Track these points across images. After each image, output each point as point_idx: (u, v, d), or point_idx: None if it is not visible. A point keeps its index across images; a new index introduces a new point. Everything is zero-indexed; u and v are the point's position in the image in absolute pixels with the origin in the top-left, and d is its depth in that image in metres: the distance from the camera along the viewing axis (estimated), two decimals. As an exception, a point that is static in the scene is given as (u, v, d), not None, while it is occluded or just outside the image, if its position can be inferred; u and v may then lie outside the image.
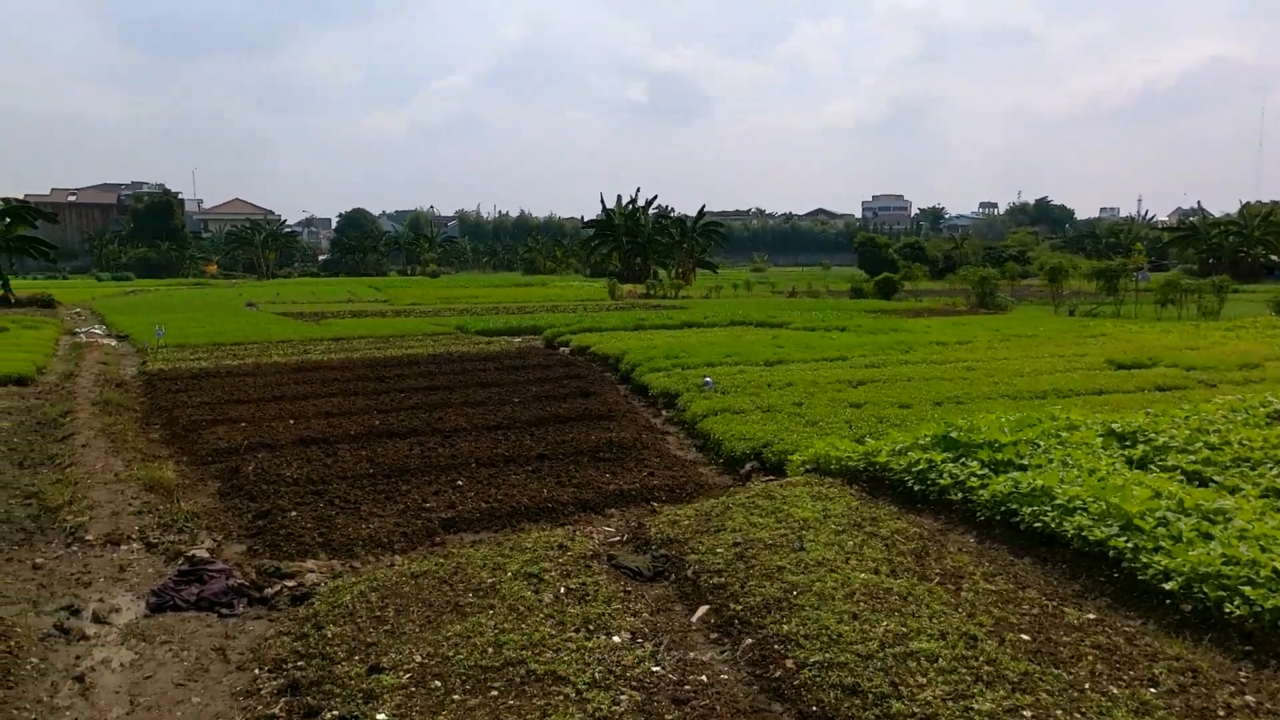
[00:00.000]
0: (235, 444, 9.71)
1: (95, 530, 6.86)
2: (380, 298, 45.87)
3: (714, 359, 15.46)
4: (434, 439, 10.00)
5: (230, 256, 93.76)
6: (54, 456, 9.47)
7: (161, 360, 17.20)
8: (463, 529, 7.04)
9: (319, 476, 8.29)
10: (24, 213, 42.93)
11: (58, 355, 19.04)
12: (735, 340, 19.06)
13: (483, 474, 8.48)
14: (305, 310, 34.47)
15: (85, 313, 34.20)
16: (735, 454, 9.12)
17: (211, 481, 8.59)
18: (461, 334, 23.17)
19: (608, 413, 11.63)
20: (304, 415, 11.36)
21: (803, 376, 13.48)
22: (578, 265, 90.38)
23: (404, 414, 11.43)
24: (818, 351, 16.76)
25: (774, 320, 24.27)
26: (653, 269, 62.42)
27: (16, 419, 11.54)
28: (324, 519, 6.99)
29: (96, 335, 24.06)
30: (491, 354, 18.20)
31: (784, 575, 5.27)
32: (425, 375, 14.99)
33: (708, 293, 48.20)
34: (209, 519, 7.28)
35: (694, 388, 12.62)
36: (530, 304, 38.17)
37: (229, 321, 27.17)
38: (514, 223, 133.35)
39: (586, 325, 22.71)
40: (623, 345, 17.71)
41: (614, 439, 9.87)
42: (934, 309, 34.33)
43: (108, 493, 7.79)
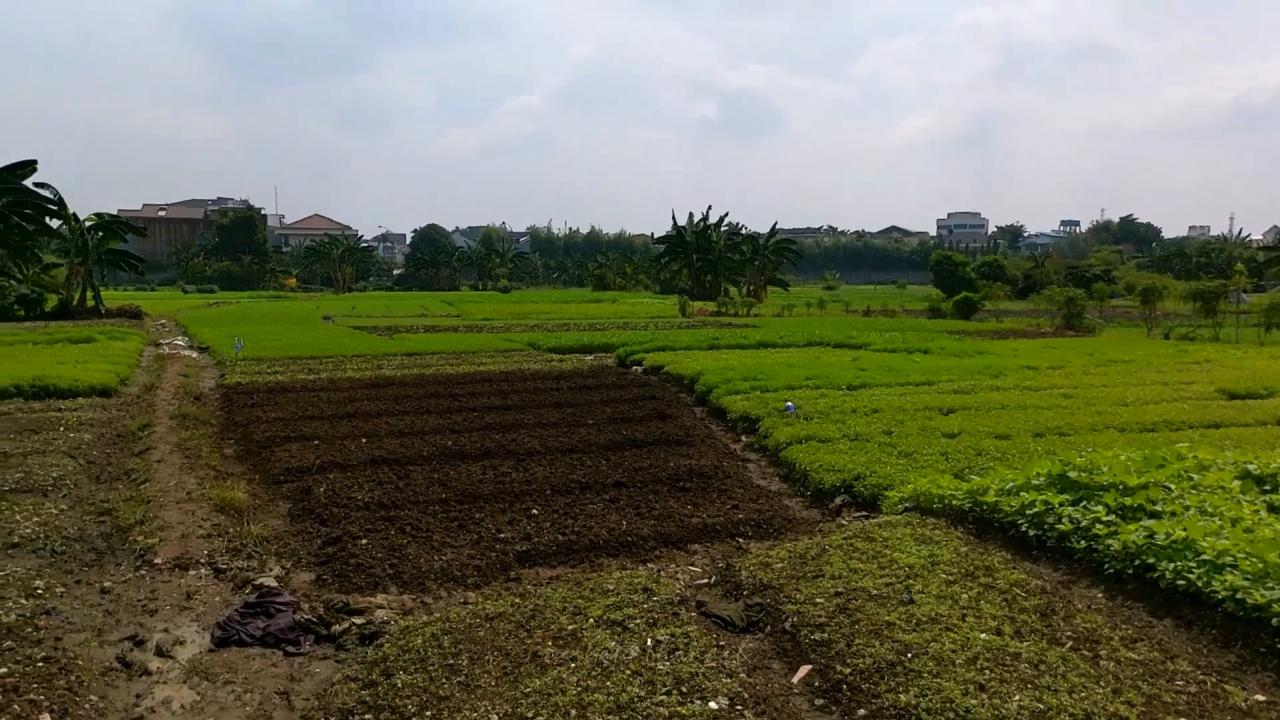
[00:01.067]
0: (307, 463, 9.53)
1: (165, 553, 6.66)
2: (452, 312, 46.29)
3: (793, 382, 14.89)
4: (507, 462, 9.68)
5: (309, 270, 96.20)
6: (130, 471, 9.41)
7: (239, 373, 17.34)
8: (539, 563, 6.66)
9: (390, 501, 8.01)
10: (116, 227, 44.48)
11: (141, 366, 19.38)
12: (814, 362, 18.44)
13: (558, 502, 8.11)
14: (379, 324, 34.86)
15: (169, 324, 35.14)
16: (824, 486, 8.58)
17: (282, 502, 8.39)
18: (533, 351, 22.99)
19: (685, 437, 11.17)
20: (377, 434, 11.17)
21: (889, 402, 12.83)
22: (647, 282, 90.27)
23: (477, 435, 11.15)
24: (902, 375, 16.05)
25: (853, 341, 23.53)
26: (723, 286, 61.88)
27: (97, 431, 11.60)
28: (395, 548, 6.68)
29: (179, 347, 24.55)
30: (564, 372, 17.92)
31: (894, 633, 4.74)
32: (498, 394, 14.74)
33: (780, 311, 47.47)
34: (278, 544, 7.04)
35: (775, 412, 12.10)
36: (601, 320, 38.00)
37: (306, 334, 27.51)
38: (584, 239, 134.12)
39: (659, 344, 22.31)
40: (698, 365, 17.26)
41: (694, 466, 9.41)
42: (1017, 330, 33.08)
43: (179, 513, 7.63)
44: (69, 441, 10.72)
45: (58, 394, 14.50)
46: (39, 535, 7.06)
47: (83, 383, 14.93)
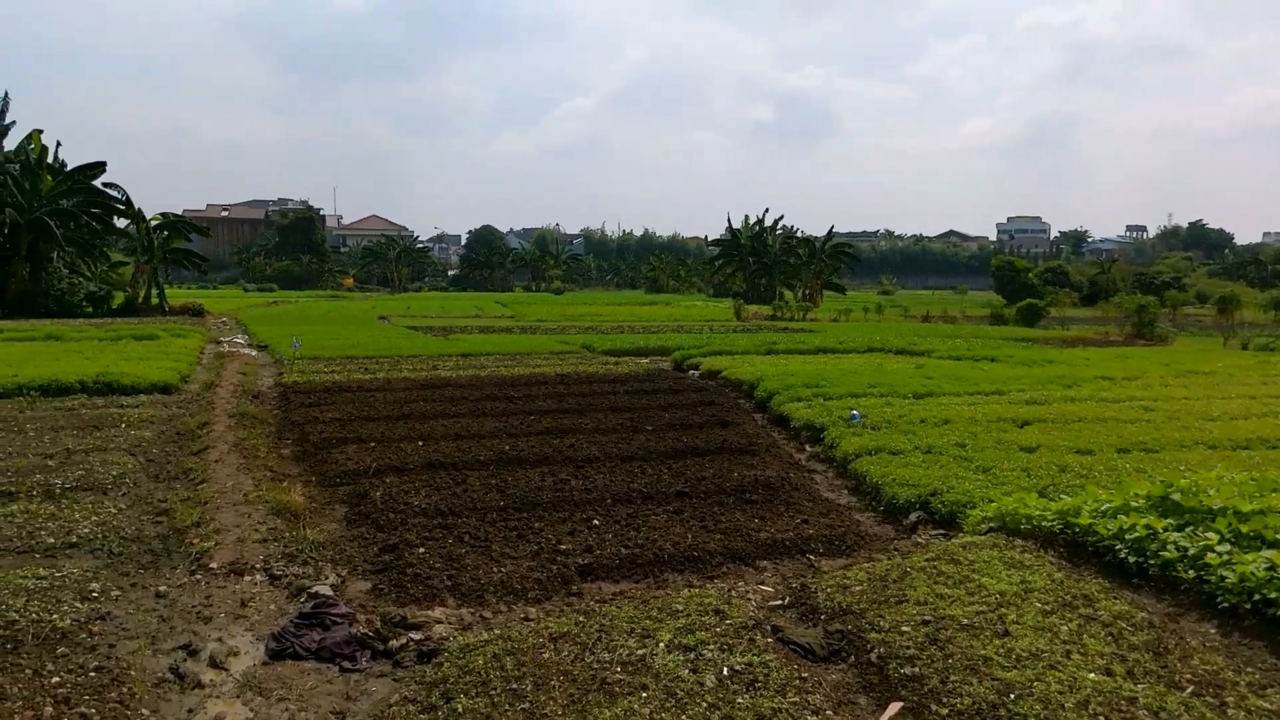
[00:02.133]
0: (364, 465, 9.38)
1: (220, 557, 6.52)
2: (506, 313, 46.42)
3: (857, 389, 14.43)
4: (566, 469, 9.43)
5: (365, 270, 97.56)
6: (188, 471, 9.35)
7: (297, 372, 17.40)
8: (601, 577, 6.37)
9: (448, 507, 7.80)
10: (180, 226, 45.46)
11: (201, 364, 19.59)
12: (876, 369, 17.92)
13: (620, 512, 7.82)
14: (434, 325, 35.02)
15: (230, 322, 35.71)
16: (897, 501, 8.17)
17: (339, 506, 8.23)
18: (588, 353, 22.79)
19: (748, 446, 10.82)
20: (433, 436, 11.01)
21: (959, 413, 12.32)
22: (701, 285, 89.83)
23: (534, 439, 10.92)
24: (970, 384, 15.48)
25: (915, 348, 22.91)
26: (778, 290, 61.20)
27: (157, 429, 11.62)
28: (453, 558, 6.45)
29: (239, 345, 24.85)
30: (620, 376, 17.66)
31: (993, 669, 4.35)
32: (554, 397, 14.53)
33: (836, 315, 46.73)
34: (334, 549, 6.86)
35: (840, 421, 11.68)
36: (655, 323, 37.73)
37: (362, 334, 27.69)
38: (638, 241, 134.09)
39: (716, 348, 21.95)
40: (756, 371, 16.88)
41: (759, 477, 9.05)
42: (1085, 338, 32.05)
43: (235, 515, 7.50)
44: (129, 439, 10.73)
45: (120, 390, 14.64)
46: (97, 535, 6.97)
47: (145, 380, 15.07)
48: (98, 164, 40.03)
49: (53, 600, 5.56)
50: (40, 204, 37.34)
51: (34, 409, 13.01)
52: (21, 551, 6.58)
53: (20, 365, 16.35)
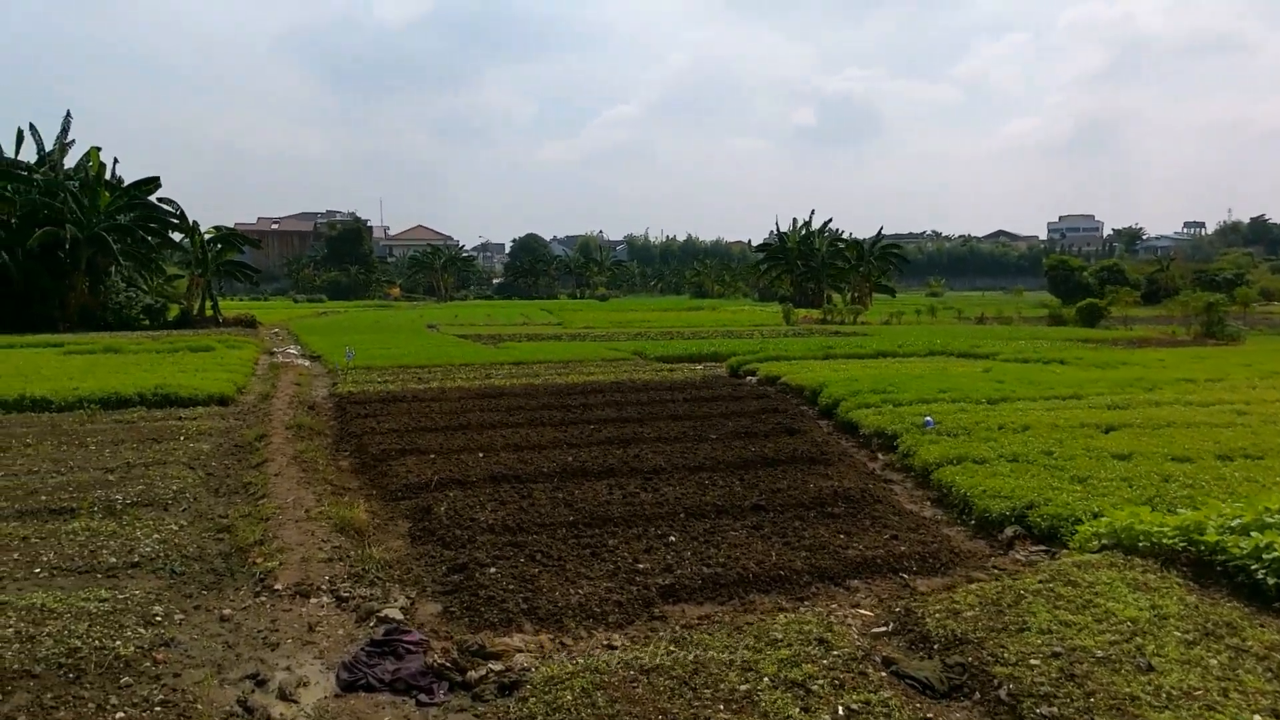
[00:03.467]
0: (425, 478, 9.10)
1: (284, 578, 6.25)
2: (553, 320, 46.32)
3: (926, 394, 13.87)
4: (633, 481, 9.06)
5: (412, 279, 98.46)
6: (248, 485, 9.16)
7: (351, 382, 17.29)
8: (684, 598, 5.98)
9: (515, 523, 7.47)
10: (233, 239, 46.12)
11: (256, 375, 19.60)
12: (942, 373, 17.31)
13: (695, 527, 7.42)
14: (483, 333, 34.96)
15: (283, 332, 36.00)
16: (990, 515, 7.66)
17: (402, 521, 7.95)
18: (641, 360, 22.44)
19: (820, 455, 10.36)
20: (493, 447, 10.72)
21: (1038, 418, 11.73)
22: (746, 289, 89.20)
23: (596, 450, 10.58)
24: (1044, 388, 14.83)
25: (978, 351, 22.20)
26: (826, 293, 60.40)
27: (215, 441, 11.49)
28: (526, 578, 6.10)
29: (292, 355, 24.92)
30: (676, 383, 17.28)
31: (1143, 711, 3.88)
32: (612, 405, 14.19)
33: (887, 318, 45.88)
34: (400, 569, 6.56)
35: (913, 428, 11.17)
36: (704, 329, 37.29)
37: (412, 343, 27.65)
38: (681, 246, 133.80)
39: (771, 353, 21.48)
40: (817, 376, 16.37)
41: (837, 489, 8.59)
42: (1151, 339, 30.94)
43: (298, 532, 7.25)
44: (188, 452, 10.60)
45: (178, 403, 14.61)
46: (159, 554, 6.76)
47: (201, 391, 15.03)
48: (152, 179, 40.71)
49: (115, 625, 5.32)
50: (98, 219, 38.04)
51: (94, 422, 12.99)
52: (84, 571, 6.38)
53: (81, 378, 16.44)
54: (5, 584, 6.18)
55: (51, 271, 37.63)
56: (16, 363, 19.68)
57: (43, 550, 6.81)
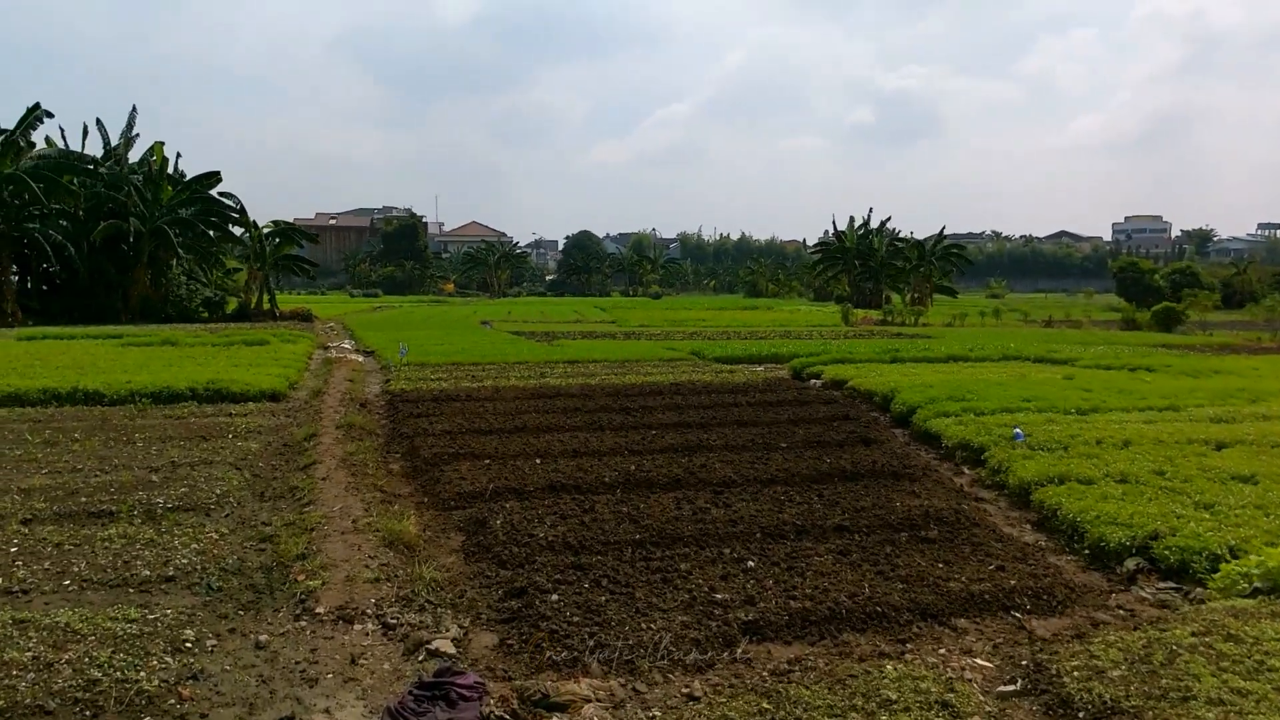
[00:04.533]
0: (480, 486, 8.54)
1: (327, 600, 5.70)
2: (607, 318, 45.78)
3: (1009, 403, 12.96)
4: (702, 494, 8.38)
5: (466, 276, 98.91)
6: (294, 489, 8.69)
7: (404, 379, 16.88)
8: (769, 636, 5.29)
9: (577, 541, 6.85)
10: (291, 234, 46.39)
11: (309, 370, 19.33)
12: (1021, 380, 16.34)
13: (775, 551, 6.72)
14: (536, 330, 34.54)
15: (337, 327, 36.00)
16: (1106, 545, 6.83)
17: (455, 534, 7.39)
18: (699, 360, 21.75)
19: (902, 469, 9.58)
20: (550, 453, 10.13)
21: (1138, 432, 10.79)
22: (801, 289, 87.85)
23: (660, 458, 9.93)
24: (1135, 398, 13.80)
25: (1055, 356, 21.07)
26: (884, 294, 59.04)
27: (264, 440, 11.09)
28: (592, 608, 5.47)
29: (346, 350, 24.71)
30: (738, 385, 16.55)
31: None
32: (673, 408, 13.53)
33: (950, 320, 44.53)
34: (453, 591, 5.98)
35: (1001, 440, 10.32)
36: (760, 329, 36.44)
37: (466, 339, 27.31)
38: (734, 245, 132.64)
39: (835, 355, 20.63)
40: (887, 381, 15.52)
41: (928, 509, 7.82)
42: (1234, 345, 29.34)
43: (344, 546, 6.72)
44: (236, 451, 10.19)
45: (229, 398, 14.31)
46: (195, 566, 6.27)
47: (253, 387, 14.72)
48: (213, 173, 41.07)
49: (141, 652, 4.81)
50: (161, 213, 38.46)
51: (145, 417, 12.72)
52: (115, 585, 5.92)
53: (135, 371, 16.27)
54: (33, 597, 5.74)
55: (115, 264, 38.15)
56: (75, 354, 19.68)
57: (75, 559, 6.37)
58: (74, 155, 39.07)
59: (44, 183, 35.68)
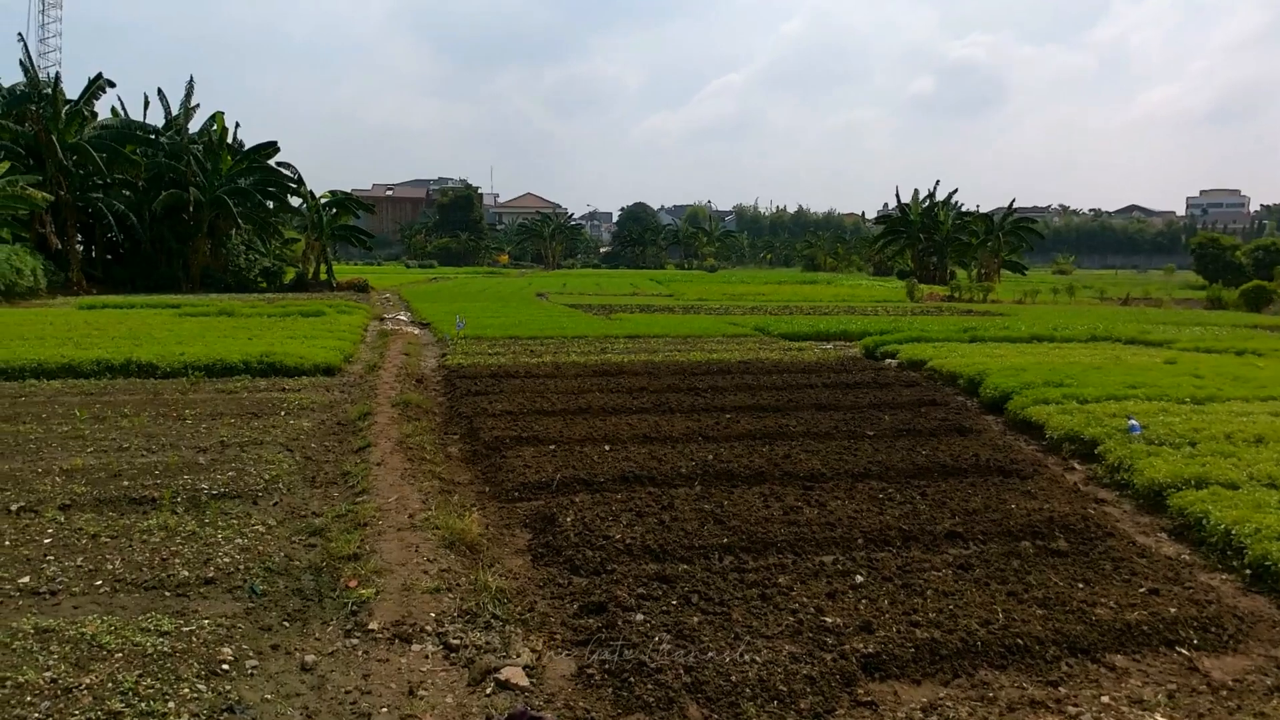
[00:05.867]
0: (545, 476, 7.85)
1: (382, 613, 5.04)
2: (664, 292, 44.97)
3: (1113, 390, 11.89)
4: (790, 490, 7.58)
5: (520, 247, 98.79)
6: (347, 474, 8.09)
7: (461, 354, 16.33)
8: (894, 673, 4.50)
9: (658, 544, 6.11)
10: (348, 204, 46.30)
11: (365, 343, 18.89)
12: (1117, 363, 15.17)
13: (884, 562, 5.90)
14: (593, 303, 33.86)
15: (393, 298, 35.73)
16: (1271, 564, 5.87)
17: (520, 532, 6.70)
18: (765, 337, 20.84)
19: (1008, 464, 8.66)
20: (619, 438, 9.41)
21: (1270, 427, 9.66)
22: (860, 263, 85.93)
23: (738, 446, 9.14)
24: (1254, 386, 12.59)
25: (1148, 337, 19.72)
26: (949, 269, 57.22)
27: (317, 418, 10.55)
28: (684, 633, 4.73)
29: (402, 322, 24.29)
30: (809, 364, 15.66)
31: None
32: (744, 389, 12.71)
33: (1020, 297, 42.87)
34: (522, 603, 5.28)
35: (1116, 433, 9.33)
36: (822, 304, 35.34)
37: (522, 312, 26.74)
38: (791, 218, 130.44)
39: (909, 334, 19.54)
40: (972, 362, 14.50)
41: (1051, 514, 6.92)
42: (1337, 327, 27.42)
43: (400, 547, 6.06)
44: (287, 431, 9.65)
45: (283, 372, 13.87)
46: (239, 566, 5.67)
47: (308, 360, 14.25)
48: (271, 143, 40.95)
49: (171, 676, 4.19)
50: (220, 182, 38.48)
51: (196, 391, 12.30)
52: (150, 587, 5.33)
53: (190, 342, 15.94)
54: (61, 599, 5.18)
55: (176, 234, 38.34)
56: (132, 324, 19.49)
57: (110, 555, 5.82)
58: (136, 125, 39.22)
59: (107, 153, 35.89)
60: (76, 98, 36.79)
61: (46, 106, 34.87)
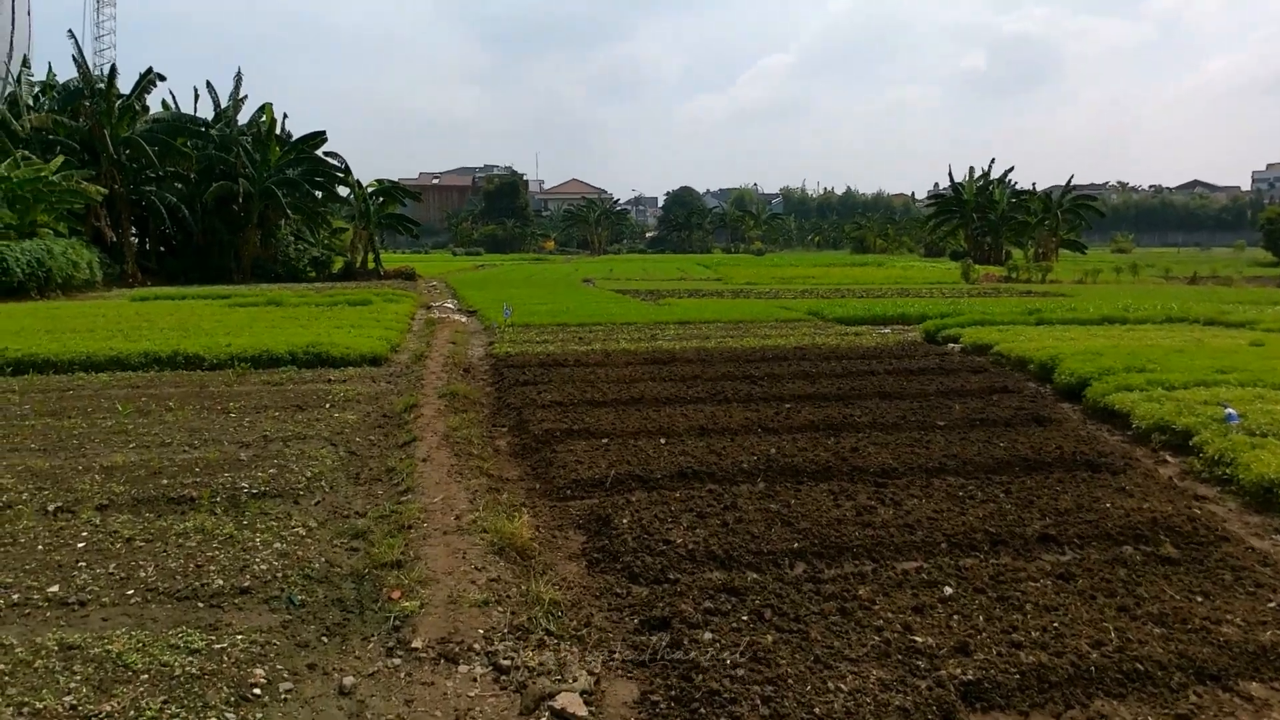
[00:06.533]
0: (599, 472, 7.41)
1: (426, 629, 4.65)
2: (712, 276, 44.33)
3: (1201, 375, 11.11)
4: (861, 487, 7.06)
5: (566, 233, 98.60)
6: (392, 470, 7.74)
7: (508, 342, 15.98)
8: (998, 703, 3.99)
9: (722, 549, 5.64)
10: (395, 192, 46.32)
11: (412, 331, 18.66)
12: (1200, 346, 14.29)
13: (973, 571, 5.37)
14: (640, 288, 33.39)
15: (440, 285, 35.62)
16: None
17: (574, 534, 6.28)
18: (819, 322, 20.21)
19: (1096, 457, 8.01)
20: (674, 431, 8.95)
21: (1385, 416, 8.87)
22: (911, 244, 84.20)
23: (801, 438, 8.62)
24: (1355, 369, 11.71)
25: (1227, 318, 18.66)
26: (1004, 249, 55.67)
27: (363, 411, 10.25)
28: (759, 656, 4.25)
29: (448, 310, 24.07)
30: (868, 350, 15.04)
31: None
32: (803, 376, 12.16)
33: (1081, 277, 41.38)
34: (577, 617, 4.85)
35: (1211, 422, 8.63)
36: (875, 286, 34.45)
37: (570, 298, 26.37)
38: (839, 200, 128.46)
39: (972, 317, 18.76)
40: (1043, 346, 13.77)
41: (1150, 515, 6.30)
42: None
43: (446, 552, 5.67)
44: (332, 425, 9.35)
45: (329, 362, 13.64)
46: (276, 573, 5.32)
47: (354, 351, 14.00)
48: (318, 133, 41.04)
49: (198, 703, 3.84)
50: (269, 173, 38.66)
51: (242, 383, 12.10)
52: (183, 598, 5.00)
53: (238, 333, 15.82)
54: (90, 610, 4.87)
55: (227, 225, 38.65)
56: (182, 315, 19.49)
57: (144, 560, 5.51)
58: (186, 118, 39.58)
59: (159, 146, 36.21)
60: (128, 92, 37.15)
61: (100, 101, 35.26)
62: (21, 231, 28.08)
